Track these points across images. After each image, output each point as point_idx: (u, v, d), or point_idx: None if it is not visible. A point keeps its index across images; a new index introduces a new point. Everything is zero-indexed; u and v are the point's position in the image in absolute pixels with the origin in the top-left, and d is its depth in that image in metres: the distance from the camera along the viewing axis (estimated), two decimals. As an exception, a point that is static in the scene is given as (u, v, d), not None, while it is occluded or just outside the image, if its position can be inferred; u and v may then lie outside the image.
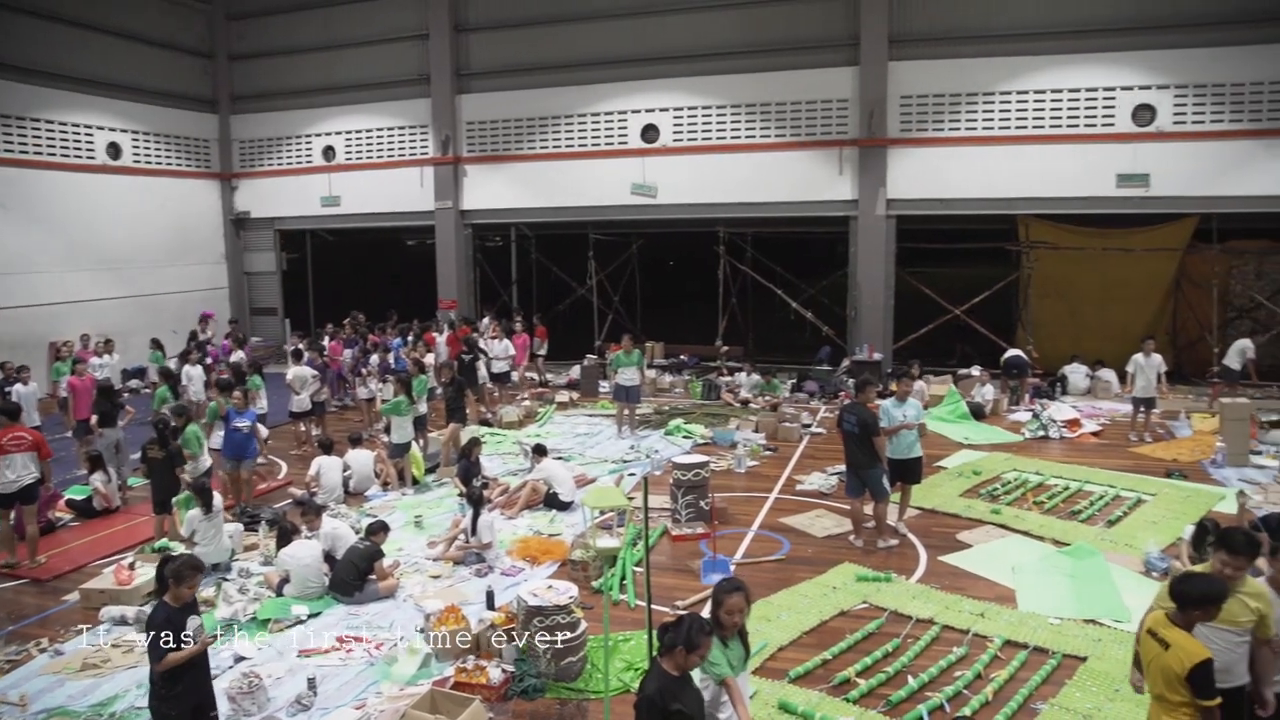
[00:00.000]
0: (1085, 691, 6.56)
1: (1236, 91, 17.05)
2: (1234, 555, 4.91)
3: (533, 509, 11.04)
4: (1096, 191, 17.75)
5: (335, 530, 9.09)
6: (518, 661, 6.98)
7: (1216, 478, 12.27)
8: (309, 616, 8.07)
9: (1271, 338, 18.88)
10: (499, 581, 8.77)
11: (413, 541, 10.11)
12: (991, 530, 10.12)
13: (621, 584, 8.58)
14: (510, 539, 9.96)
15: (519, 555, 9.48)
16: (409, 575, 9.06)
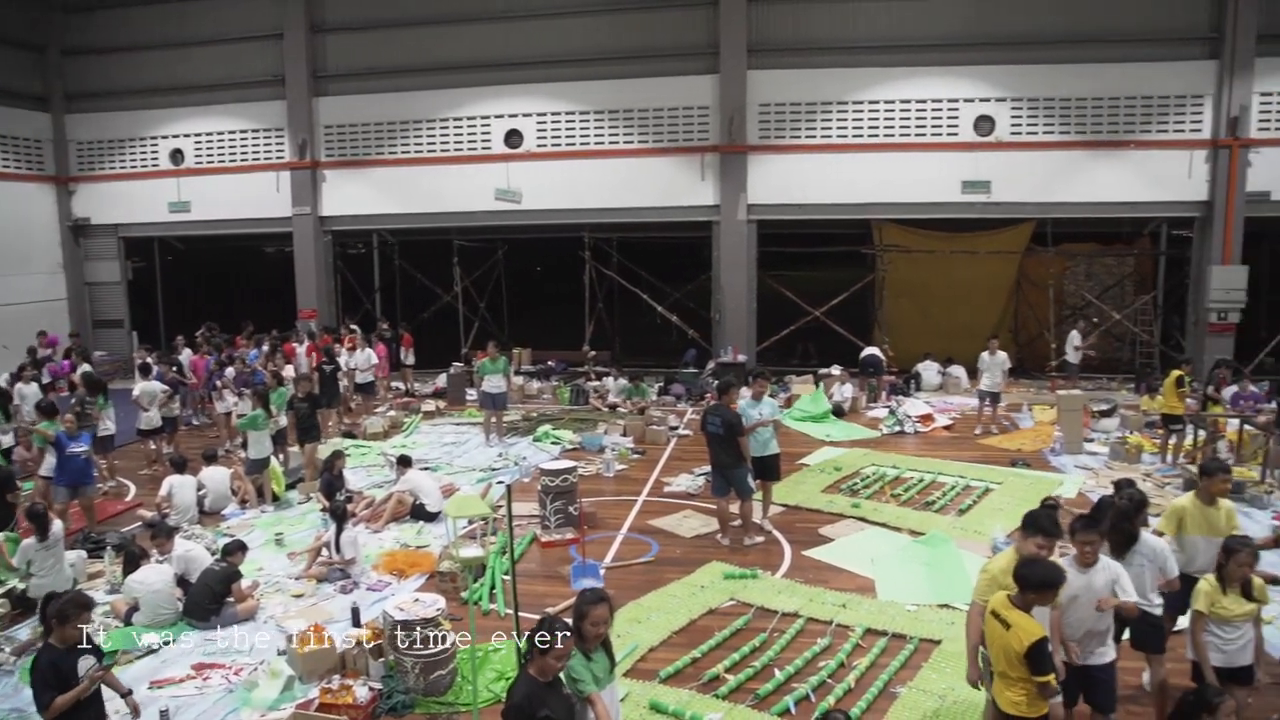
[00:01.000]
0: (940, 673, 6.88)
1: (1065, 106, 18.24)
2: (1048, 537, 5.30)
3: (399, 521, 10.82)
4: (943, 197, 18.64)
5: (189, 553, 8.66)
6: (385, 678, 6.83)
7: (1055, 465, 13.10)
8: (162, 645, 7.67)
9: (1101, 333, 20.21)
10: (365, 597, 8.55)
11: (273, 560, 9.75)
12: (852, 524, 10.50)
13: (491, 593, 8.51)
14: (376, 553, 9.73)
15: (385, 569, 9.27)
16: (270, 596, 8.73)
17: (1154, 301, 20.50)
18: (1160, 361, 19.38)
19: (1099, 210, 18.79)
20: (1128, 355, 21.25)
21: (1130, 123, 18.14)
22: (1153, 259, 21.01)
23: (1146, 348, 20.52)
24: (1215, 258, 17.96)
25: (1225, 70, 17.56)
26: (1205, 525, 6.47)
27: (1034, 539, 5.37)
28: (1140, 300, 20.67)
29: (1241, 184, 17.74)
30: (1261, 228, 19.05)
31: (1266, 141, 17.72)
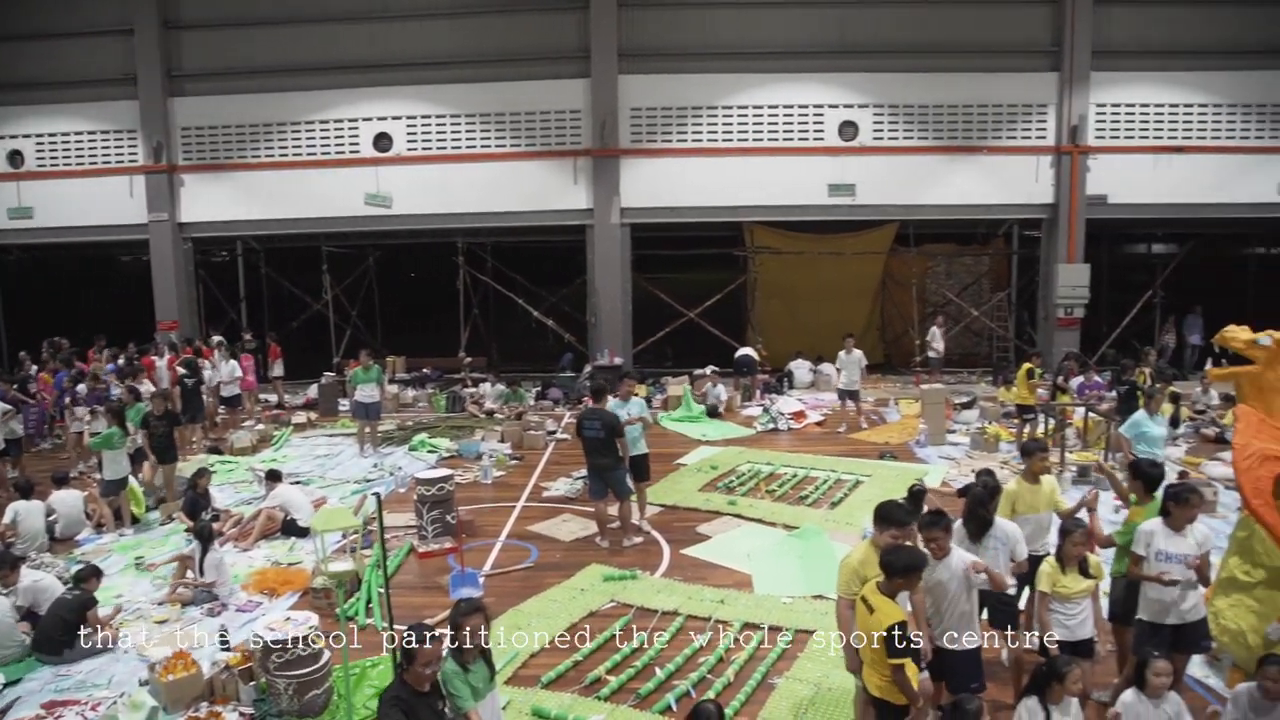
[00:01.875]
0: (815, 662, 7.08)
1: (924, 112, 19.07)
2: (900, 528, 5.55)
3: (270, 538, 10.45)
4: (811, 200, 19.21)
5: (37, 583, 8.09)
6: (257, 702, 6.60)
7: (920, 456, 13.67)
8: (5, 685, 7.17)
9: (961, 329, 21.21)
10: (234, 619, 8.24)
11: (134, 585, 9.27)
12: (729, 521, 10.70)
13: (368, 608, 8.33)
14: (246, 572, 9.38)
15: (256, 588, 8.95)
16: (130, 623, 8.28)
17: (1008, 298, 21.65)
18: (1015, 355, 20.45)
19: (956, 212, 19.72)
20: (986, 350, 22.38)
21: (983, 129, 19.10)
22: (1006, 258, 22.18)
23: (1002, 342, 21.66)
24: (1061, 257, 19.10)
25: (1065, 82, 18.72)
26: (1033, 503, 6.90)
27: (888, 532, 5.60)
28: (996, 297, 21.81)
29: (1082, 188, 18.93)
30: (1101, 229, 20.37)
31: (1103, 149, 18.98)
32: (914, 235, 20.89)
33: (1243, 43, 19.00)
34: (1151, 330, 21.98)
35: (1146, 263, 24.38)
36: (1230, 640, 6.75)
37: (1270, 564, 6.66)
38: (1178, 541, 5.95)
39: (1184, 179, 19.18)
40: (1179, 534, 5.96)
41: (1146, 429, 9.84)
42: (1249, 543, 6.84)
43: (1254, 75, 19.08)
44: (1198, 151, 19.16)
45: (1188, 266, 22.69)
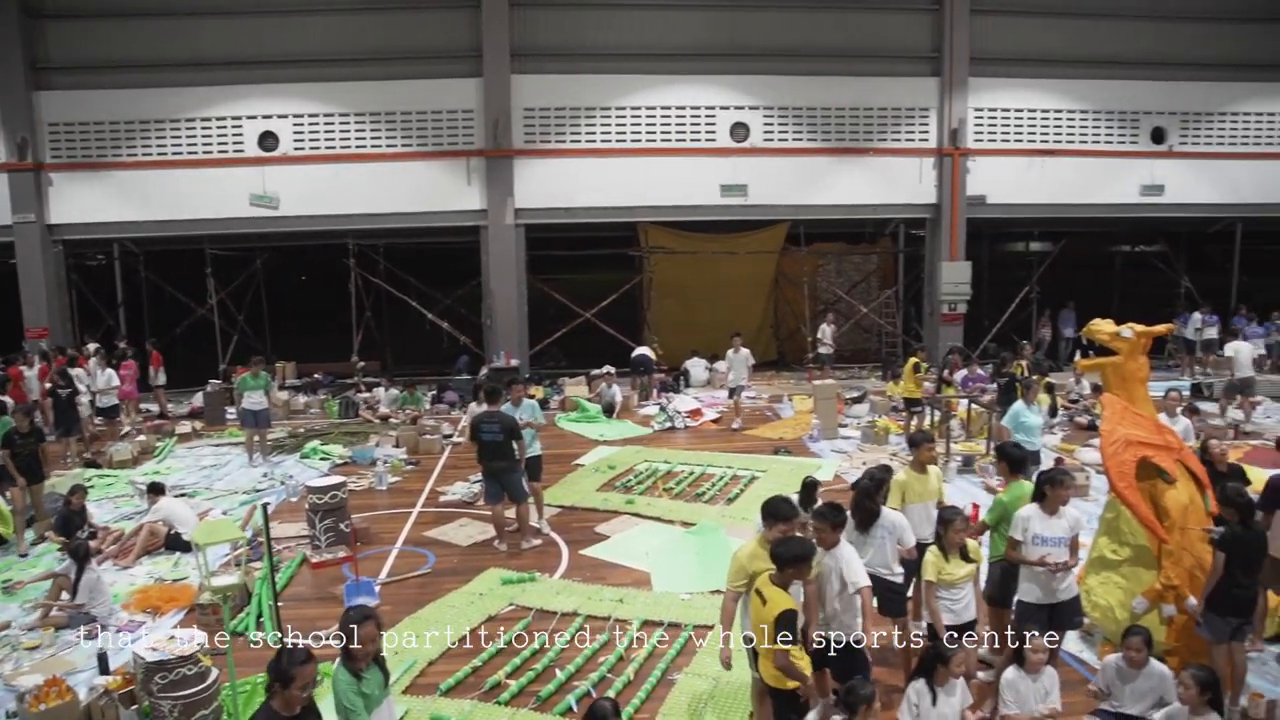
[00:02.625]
0: (714, 656, 7.12)
1: (812, 114, 19.52)
2: (787, 521, 5.70)
3: (153, 554, 10.04)
4: (704, 200, 19.44)
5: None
6: (139, 725, 6.34)
7: (814, 450, 14.00)
8: None
9: (851, 326, 21.79)
10: (115, 641, 7.88)
11: (2, 611, 8.78)
12: (627, 520, 10.77)
13: (259, 622, 8.08)
14: (127, 590, 8.99)
15: (138, 607, 8.57)
16: (-2, 651, 7.84)
17: (895, 295, 22.32)
18: (903, 350, 21.10)
19: (845, 212, 20.27)
20: (875, 345, 23.05)
21: (869, 132, 19.67)
22: (893, 256, 22.87)
23: (891, 338, 22.31)
24: (944, 255, 19.82)
25: (945, 87, 19.44)
26: (921, 492, 7.16)
27: (777, 527, 5.74)
28: (884, 294, 22.46)
29: (963, 189, 19.69)
30: (981, 227, 21.26)
31: (981, 151, 19.79)
32: (805, 234, 21.38)
33: (1106, 54, 20.12)
34: (1029, 324, 22.98)
35: (1024, 260, 25.45)
36: (1101, 615, 7.13)
37: (1135, 542, 7.06)
38: (1052, 525, 6.26)
39: (1055, 180, 20.18)
40: (1053, 517, 6.28)
41: (1024, 419, 10.33)
42: (1116, 523, 7.24)
43: (1116, 84, 20.21)
44: (1067, 155, 20.19)
45: (1062, 263, 23.83)
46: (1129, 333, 7.63)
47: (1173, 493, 6.92)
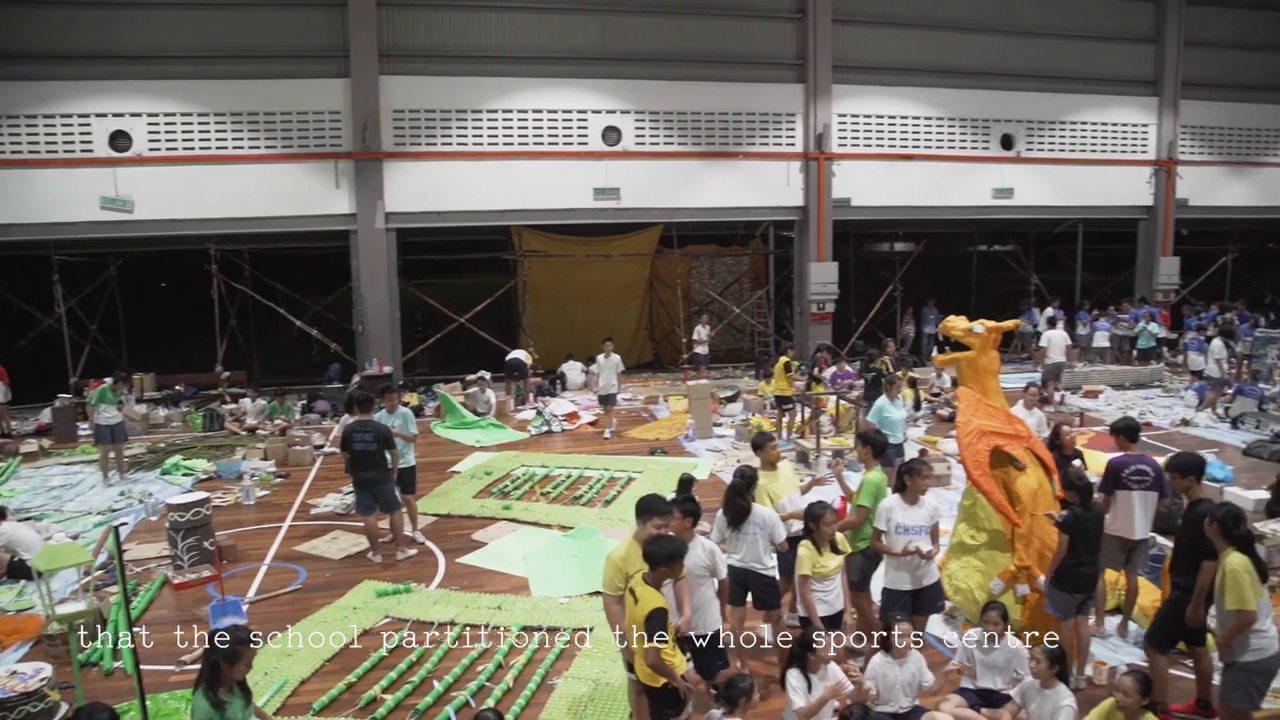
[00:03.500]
0: (593, 659, 7.23)
1: (683, 119, 19.82)
2: (663, 516, 5.81)
3: (-5, 582, 9.45)
4: (577, 204, 19.49)
5: None
6: (-19, 767, 5.97)
7: (689, 449, 14.22)
8: None
9: (724, 326, 22.22)
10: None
11: None
12: (504, 525, 10.72)
13: (116, 650, 7.70)
14: (-36, 622, 8.44)
15: (-22, 640, 8.06)
16: None
17: (767, 295, 22.87)
18: (775, 349, 21.63)
19: (716, 215, 20.67)
20: (748, 345, 23.56)
21: (738, 136, 20.10)
22: (764, 258, 23.43)
23: (763, 337, 22.85)
24: (812, 256, 20.43)
25: (810, 94, 20.05)
26: (775, 490, 7.37)
27: (651, 522, 5.83)
28: (755, 295, 23.00)
29: (829, 192, 20.35)
30: (847, 229, 22.01)
31: (845, 155, 20.50)
32: (678, 237, 21.70)
33: (960, 65, 21.22)
34: (894, 321, 23.94)
35: (888, 260, 26.46)
36: (962, 598, 7.51)
37: (991, 527, 7.46)
38: (914, 514, 6.56)
39: (915, 184, 21.09)
40: (914, 506, 6.57)
41: (887, 414, 10.77)
42: (973, 510, 7.64)
43: (969, 93, 21.36)
44: (925, 159, 21.12)
45: (923, 263, 24.89)
46: (980, 328, 8.06)
47: (1023, 479, 7.35)
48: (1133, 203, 23.46)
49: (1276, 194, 24.86)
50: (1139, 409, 17.14)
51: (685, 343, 21.19)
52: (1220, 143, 24.21)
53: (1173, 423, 16.01)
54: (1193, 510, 6.10)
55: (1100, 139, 22.82)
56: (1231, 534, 5.48)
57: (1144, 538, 7.53)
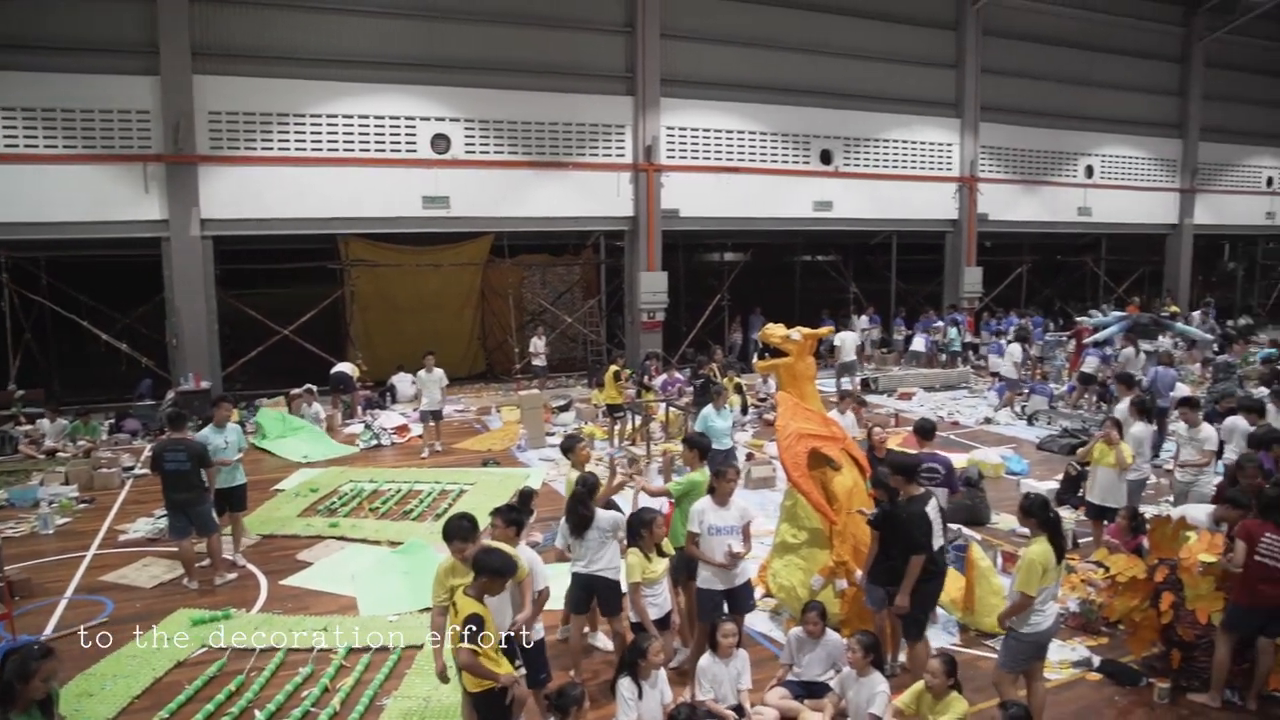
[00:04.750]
0: (424, 677, 7.13)
1: (513, 128, 19.74)
2: (464, 540, 5.81)
3: None
4: (406, 212, 19.09)
5: None
6: None
7: (522, 460, 14.21)
8: None
9: (558, 336, 22.32)
10: None
11: None
12: (331, 544, 10.42)
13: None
14: None
15: None
16: None
17: (599, 304, 23.11)
18: (607, 358, 21.87)
19: (548, 224, 20.71)
20: (581, 354, 23.74)
21: (569, 146, 20.23)
22: (595, 267, 23.66)
23: (595, 346, 23.07)
24: (642, 265, 20.80)
25: (639, 106, 20.42)
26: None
27: (453, 545, 5.84)
28: (588, 304, 23.21)
29: (658, 203, 20.78)
30: (676, 239, 22.54)
31: (673, 167, 21.01)
32: (509, 246, 21.65)
33: (781, 82, 22.15)
34: (723, 329, 24.66)
35: (717, 269, 27.21)
36: (786, 596, 7.85)
37: (810, 526, 7.84)
38: (725, 515, 6.79)
39: (741, 196, 21.83)
40: (725, 508, 6.81)
41: (713, 422, 11.17)
42: (794, 510, 8.00)
43: (790, 110, 22.30)
44: (750, 172, 21.90)
45: (750, 272, 25.76)
46: (797, 335, 8.47)
47: (839, 478, 7.77)
48: (940, 216, 25.09)
49: (1061, 210, 27.25)
50: (947, 409, 18.33)
51: (518, 352, 21.15)
52: (1015, 162, 26.26)
53: (977, 421, 17.22)
54: (909, 506, 6.65)
55: (910, 156, 24.29)
56: (1040, 514, 5.98)
57: (939, 529, 8.08)
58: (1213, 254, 37.14)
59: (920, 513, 6.61)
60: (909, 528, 6.56)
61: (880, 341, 25.07)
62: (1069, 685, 7.11)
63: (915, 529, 6.56)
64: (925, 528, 6.57)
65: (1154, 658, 7.29)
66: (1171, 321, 21.60)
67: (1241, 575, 6.52)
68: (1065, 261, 32.79)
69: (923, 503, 6.67)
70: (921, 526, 6.57)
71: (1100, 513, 9.42)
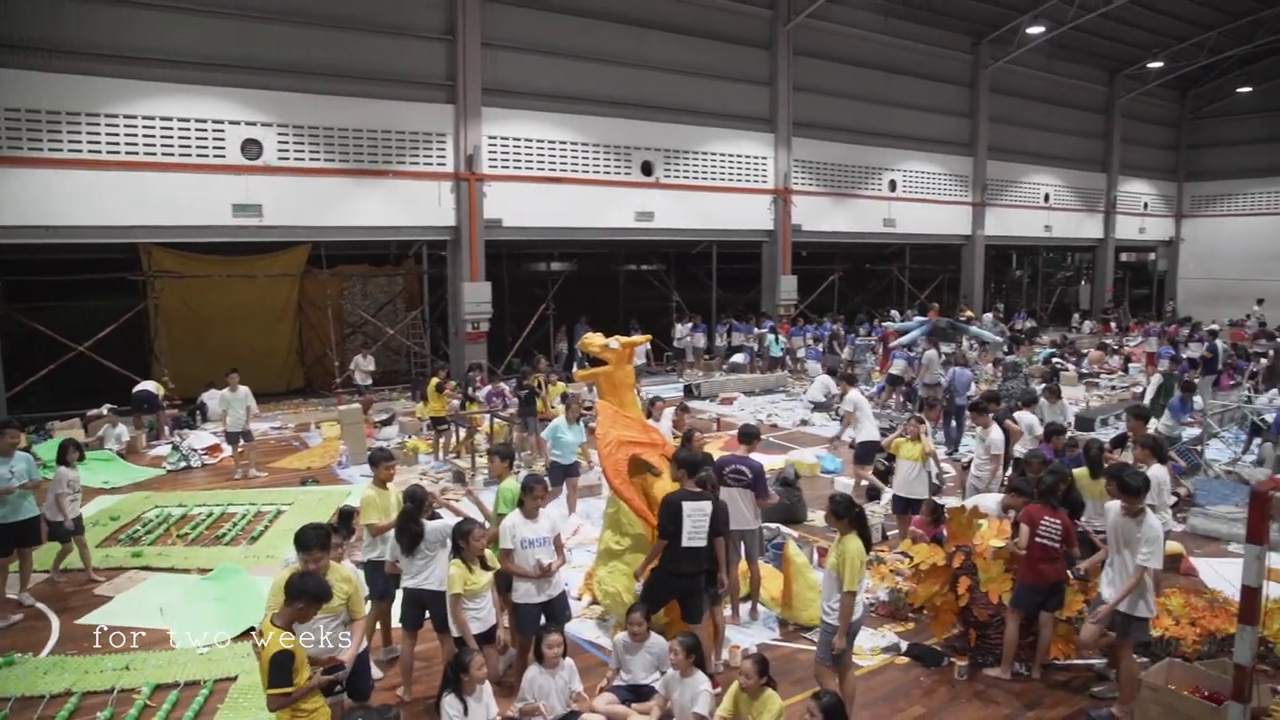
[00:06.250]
0: (238, 710, 6.86)
1: (330, 135, 19.05)
2: (308, 550, 5.70)
3: None
4: (216, 221, 18.05)
5: None
6: None
7: (343, 477, 13.82)
8: None
9: (380, 348, 21.79)
10: None
11: None
12: (135, 575, 9.83)
13: None
14: None
15: None
16: None
17: (422, 316, 22.72)
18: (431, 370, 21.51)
19: (367, 234, 20.15)
20: (405, 367, 23.26)
21: (389, 154, 19.73)
22: (418, 277, 23.25)
23: (420, 358, 22.66)
24: (466, 275, 20.57)
25: (461, 115, 20.19)
26: (383, 507, 7.45)
27: (311, 554, 5.69)
28: (411, 315, 22.77)
29: (480, 212, 20.61)
30: (500, 249, 22.45)
31: (496, 176, 20.88)
32: (327, 257, 20.95)
33: (602, 94, 22.46)
34: (549, 338, 24.73)
35: (543, 279, 27.26)
36: (612, 602, 7.99)
37: (634, 532, 8.01)
38: (535, 527, 6.87)
39: (563, 206, 21.95)
40: (535, 521, 6.88)
41: (561, 434, 11.42)
42: (617, 516, 8.16)
43: (612, 121, 22.60)
44: (573, 183, 22.08)
45: (575, 281, 25.95)
46: (616, 344, 8.65)
47: (660, 483, 7.99)
48: (756, 226, 26.05)
49: (868, 221, 28.87)
50: (767, 412, 19.07)
51: (338, 365, 20.49)
52: (825, 176, 27.62)
53: (794, 423, 17.99)
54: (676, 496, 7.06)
55: (728, 169, 25.11)
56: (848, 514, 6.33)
57: (749, 528, 8.44)
58: (1002, 263, 40.39)
59: (673, 503, 6.93)
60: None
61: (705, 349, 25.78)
62: (880, 670, 7.59)
63: (664, 515, 6.89)
64: (671, 516, 6.89)
65: (954, 638, 7.90)
66: (967, 325, 23.25)
67: (1025, 556, 7.17)
68: (873, 270, 34.74)
69: (694, 499, 7.00)
70: (666, 515, 6.91)
71: (905, 505, 10.07)
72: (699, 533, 6.95)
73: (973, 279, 32.85)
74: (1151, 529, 6.51)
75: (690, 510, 6.93)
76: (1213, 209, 40.70)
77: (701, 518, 6.96)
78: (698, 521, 6.94)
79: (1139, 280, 43.30)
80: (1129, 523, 6.61)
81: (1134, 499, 6.62)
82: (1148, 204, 40.25)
